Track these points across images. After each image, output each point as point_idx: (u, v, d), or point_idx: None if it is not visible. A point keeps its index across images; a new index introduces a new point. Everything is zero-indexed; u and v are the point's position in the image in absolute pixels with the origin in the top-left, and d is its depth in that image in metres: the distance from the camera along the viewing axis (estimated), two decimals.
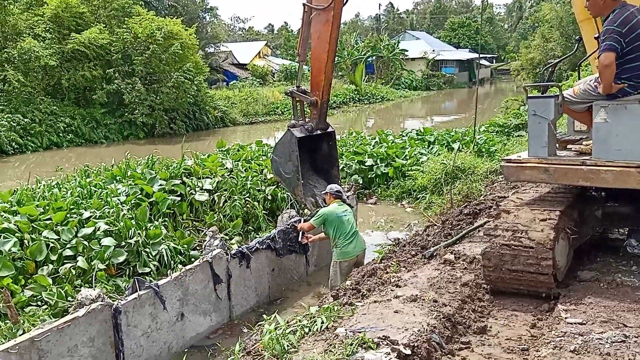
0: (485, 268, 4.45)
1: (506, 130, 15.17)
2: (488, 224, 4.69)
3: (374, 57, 44.77)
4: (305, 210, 8.16)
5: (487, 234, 4.48)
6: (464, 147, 12.29)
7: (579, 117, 4.82)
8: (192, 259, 6.65)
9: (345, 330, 3.77)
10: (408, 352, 3.41)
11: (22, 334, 4.52)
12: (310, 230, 6.60)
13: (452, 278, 4.74)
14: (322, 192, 6.68)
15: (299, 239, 6.73)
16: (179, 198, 8.02)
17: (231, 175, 9.21)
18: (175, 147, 13.01)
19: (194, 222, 7.89)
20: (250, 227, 8.35)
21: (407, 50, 46.48)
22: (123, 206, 7.18)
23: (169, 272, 5.69)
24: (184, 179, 8.55)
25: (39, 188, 7.96)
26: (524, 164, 4.55)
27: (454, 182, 9.73)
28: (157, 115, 23.93)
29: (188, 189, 8.27)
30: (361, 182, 11.73)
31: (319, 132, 7.40)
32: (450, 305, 4.12)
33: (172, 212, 7.80)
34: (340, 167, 9.14)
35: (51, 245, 6.07)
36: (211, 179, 8.85)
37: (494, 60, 65.67)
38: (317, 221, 6.25)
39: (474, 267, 5.03)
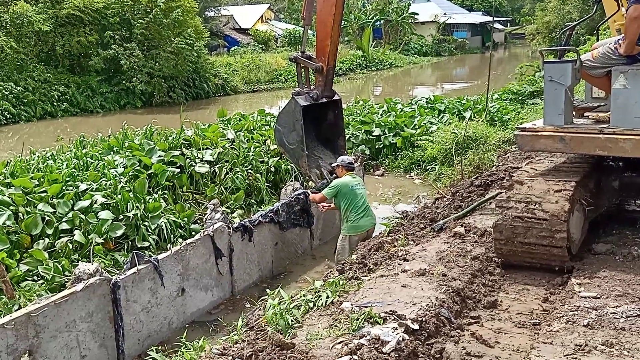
0: (496, 241, 4.43)
1: (520, 97, 14.95)
2: (500, 195, 4.66)
3: (382, 21, 43.88)
4: (310, 183, 8.14)
5: (499, 206, 4.45)
6: (475, 116, 12.14)
7: (597, 83, 4.71)
8: (193, 233, 6.66)
9: (351, 304, 3.79)
10: (416, 326, 3.43)
11: (18, 309, 4.55)
12: (321, 201, 6.59)
13: (462, 251, 4.74)
14: (333, 165, 6.64)
15: (320, 210, 6.67)
16: (179, 170, 8.00)
17: (232, 146, 9.16)
18: (174, 117, 12.93)
19: (194, 195, 7.89)
20: (253, 200, 8.36)
21: (417, 14, 45.44)
22: (121, 178, 7.17)
23: (168, 247, 5.73)
24: (184, 150, 8.51)
25: (34, 159, 7.96)
26: (538, 133, 4.47)
27: (465, 152, 9.64)
28: (155, 83, 23.74)
29: (188, 160, 8.25)
30: (368, 152, 11.68)
31: (324, 100, 7.32)
32: (459, 280, 4.13)
33: (172, 184, 7.80)
34: (346, 137, 9.12)
35: (47, 218, 6.08)
36: (212, 150, 8.81)
37: (508, 24, 64.19)
38: (330, 192, 6.25)
39: (484, 240, 5.03)
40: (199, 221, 7.25)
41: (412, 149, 11.70)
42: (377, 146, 12.06)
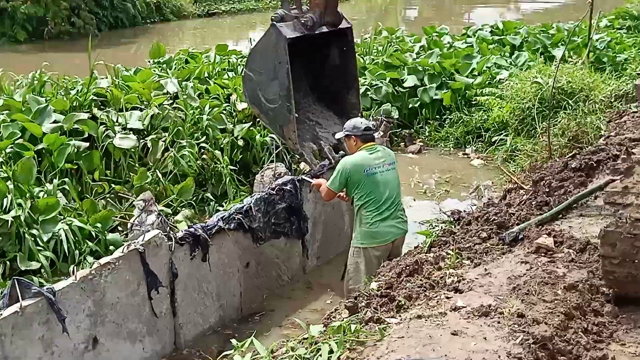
0: (605, 259, 4.41)
1: None
2: (612, 185, 4.61)
3: None
4: (302, 165, 8.12)
5: (609, 202, 4.43)
6: (572, 56, 12.09)
7: None
8: (111, 248, 6.68)
9: None
10: None
11: None
12: (330, 198, 6.59)
13: (550, 277, 4.73)
14: (338, 135, 6.62)
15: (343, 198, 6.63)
16: (87, 144, 8.01)
17: (175, 105, 9.16)
18: (80, 57, 12.83)
19: (113, 185, 7.88)
20: (209, 194, 8.38)
21: None
22: None
23: (71, 270, 5.69)
24: (95, 111, 8.51)
25: None
26: None
27: (555, 115, 9.61)
28: (48, 3, 23.61)
29: (102, 128, 8.24)
30: (397, 116, 11.68)
31: (324, 29, 7.30)
32: (546, 323, 4.12)
33: (76, 167, 7.80)
34: (361, 91, 9.13)
35: None
36: (141, 111, 8.80)
37: None
38: (336, 182, 6.27)
39: (586, 259, 5.01)
40: (120, 228, 7.24)
41: (469, 110, 11.67)
42: (410, 105, 12.05)
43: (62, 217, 6.85)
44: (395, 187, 6.33)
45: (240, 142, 8.98)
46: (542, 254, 5.19)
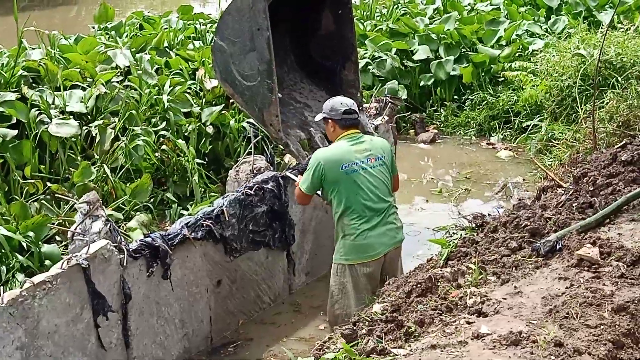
0: None
1: None
2: None
3: None
4: (286, 157, 8.12)
5: None
6: (622, 21, 12.13)
7: None
8: (47, 263, 6.65)
9: None
10: None
11: None
12: (305, 202, 6.64)
13: (595, 296, 4.76)
14: (317, 118, 6.62)
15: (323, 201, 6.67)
16: (15, 132, 7.98)
17: (127, 83, 9.15)
18: (4, 22, 12.74)
19: (49, 184, 7.86)
20: (170, 194, 8.38)
21: None
22: None
23: None
24: (25, 90, 8.47)
25: None
26: None
27: (601, 95, 9.65)
28: None
29: (35, 112, 8.21)
30: (405, 96, 11.70)
31: None
32: (590, 354, 4.16)
33: (2, 161, 7.79)
34: (360, 66, 9.11)
35: None
36: (83, 90, 8.77)
37: None
38: (308, 181, 6.24)
39: (639, 274, 5.05)
40: (58, 238, 7.23)
41: (494, 89, 11.70)
42: (422, 83, 12.07)
43: None
44: (386, 188, 6.28)
45: (210, 130, 8.93)
46: (585, 268, 5.21)
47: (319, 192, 6.39)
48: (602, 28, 11.33)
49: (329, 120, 6.31)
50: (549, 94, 10.43)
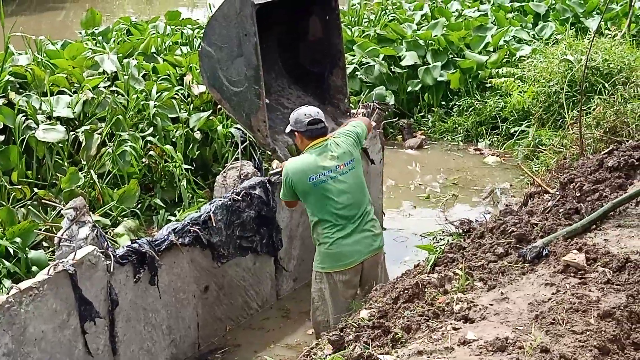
0: None
1: None
2: None
3: None
4: (274, 163, 8.11)
5: None
6: (609, 27, 12.18)
7: None
8: (34, 269, 6.61)
9: None
10: None
11: None
12: (291, 206, 6.69)
13: (581, 302, 4.77)
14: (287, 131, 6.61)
15: None
16: (2, 137, 7.95)
17: (114, 89, 9.13)
18: None
19: (36, 190, 7.84)
20: (158, 200, 8.37)
21: None
22: None
23: None
24: (12, 95, 8.45)
25: None
26: None
27: (588, 101, 9.68)
28: None
29: (21, 117, 8.18)
30: (392, 102, 11.70)
31: None
32: (577, 359, 4.17)
33: None
34: (348, 71, 9.05)
35: None
36: (71, 96, 8.75)
37: None
38: (284, 191, 6.29)
39: (625, 280, 5.06)
40: (45, 244, 7.21)
41: (482, 95, 11.72)
42: (409, 89, 12.09)
43: None
44: (359, 193, 6.25)
45: (197, 135, 8.91)
46: (572, 274, 5.22)
47: None
48: (589, 34, 11.38)
49: (296, 133, 6.31)
50: (536, 100, 10.45)
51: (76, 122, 8.57)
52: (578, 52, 10.30)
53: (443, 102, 12.18)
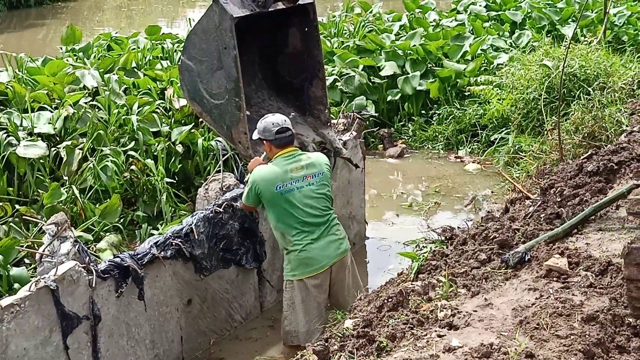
0: (631, 283, 4.45)
1: None
2: (636, 192, 4.63)
3: None
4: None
5: (634, 213, 4.49)
6: (585, 34, 12.24)
7: None
8: (16, 285, 6.54)
9: None
10: None
11: None
12: (249, 210, 6.74)
13: (565, 306, 4.76)
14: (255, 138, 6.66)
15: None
16: None
17: (95, 103, 9.10)
18: None
19: (17, 206, 7.78)
20: (140, 213, 8.32)
21: None
22: None
23: None
24: None
25: None
26: None
27: (566, 107, 9.71)
28: None
29: (2, 134, 8.14)
30: (373, 111, 11.72)
31: (280, 5, 7.33)
32: None
33: None
34: (328, 82, 9.05)
35: None
36: (52, 112, 8.72)
37: None
38: (249, 196, 6.36)
39: (608, 283, 5.05)
40: (27, 260, 7.15)
41: (461, 103, 11.75)
42: (389, 98, 12.11)
43: None
44: (326, 203, 6.36)
45: (179, 148, 8.89)
46: (554, 279, 5.21)
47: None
48: (565, 41, 11.43)
49: (264, 141, 6.39)
50: (515, 107, 10.49)
51: (57, 138, 8.54)
52: (555, 59, 10.34)
53: (423, 111, 12.20)
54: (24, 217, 7.56)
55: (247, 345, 6.89)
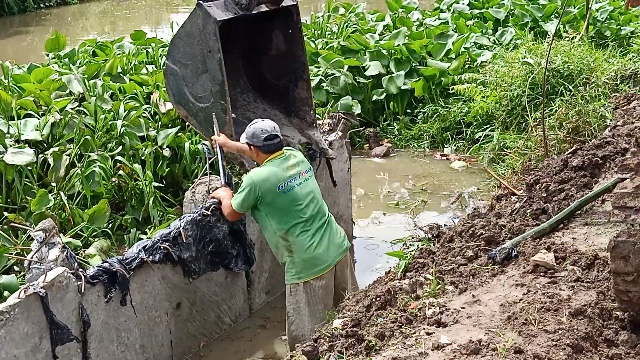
0: (617, 277, 4.45)
1: None
2: (620, 185, 4.62)
3: None
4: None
5: (619, 207, 4.46)
6: (568, 30, 12.27)
7: None
8: (6, 293, 6.54)
9: None
10: None
11: None
12: (235, 218, 6.63)
13: (552, 301, 4.76)
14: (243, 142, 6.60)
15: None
16: None
17: (81, 109, 9.08)
18: None
19: (5, 213, 7.75)
20: (127, 218, 8.30)
21: None
22: None
23: None
24: None
25: None
26: None
27: (550, 102, 9.73)
28: None
29: None
30: (358, 111, 11.73)
31: (263, 8, 7.32)
32: (550, 358, 4.14)
33: None
34: (313, 83, 9.08)
35: None
36: (38, 118, 8.69)
37: None
38: (245, 202, 6.25)
39: (595, 277, 5.06)
40: (17, 268, 7.13)
41: (445, 101, 11.76)
42: (374, 98, 12.11)
43: None
44: (319, 198, 6.37)
45: (166, 152, 8.87)
46: (541, 274, 5.22)
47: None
48: (548, 37, 11.45)
49: (251, 147, 6.36)
50: (499, 104, 10.51)
51: (45, 145, 8.51)
52: (538, 56, 10.36)
53: (408, 110, 12.21)
54: (12, 224, 7.53)
55: (237, 347, 6.87)
